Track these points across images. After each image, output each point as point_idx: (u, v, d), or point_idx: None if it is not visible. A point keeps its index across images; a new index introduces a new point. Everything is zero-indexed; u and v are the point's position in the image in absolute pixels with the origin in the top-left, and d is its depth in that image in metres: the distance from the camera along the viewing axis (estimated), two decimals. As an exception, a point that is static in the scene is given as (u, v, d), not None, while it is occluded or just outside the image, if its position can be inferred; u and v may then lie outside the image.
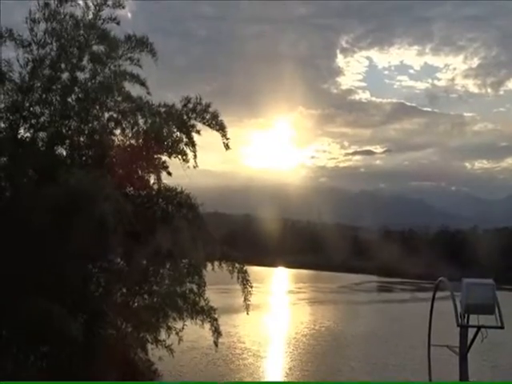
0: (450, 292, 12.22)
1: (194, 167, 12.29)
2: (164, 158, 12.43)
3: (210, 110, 12.13)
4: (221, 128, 12.17)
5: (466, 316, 11.46)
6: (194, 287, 12.81)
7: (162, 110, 12.23)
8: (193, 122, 12.18)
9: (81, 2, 12.26)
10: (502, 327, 11.31)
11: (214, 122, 12.13)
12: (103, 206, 10.52)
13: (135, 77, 12.40)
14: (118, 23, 12.44)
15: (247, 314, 13.39)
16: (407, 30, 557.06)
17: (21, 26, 11.84)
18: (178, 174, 12.48)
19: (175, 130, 12.11)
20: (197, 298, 12.75)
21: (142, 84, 12.46)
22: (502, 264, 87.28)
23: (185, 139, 12.18)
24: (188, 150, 12.27)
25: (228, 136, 12.31)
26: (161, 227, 12.09)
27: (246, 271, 12.93)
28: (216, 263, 13.00)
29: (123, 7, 12.44)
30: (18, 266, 10.56)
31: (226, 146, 12.30)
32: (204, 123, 12.19)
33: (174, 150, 12.16)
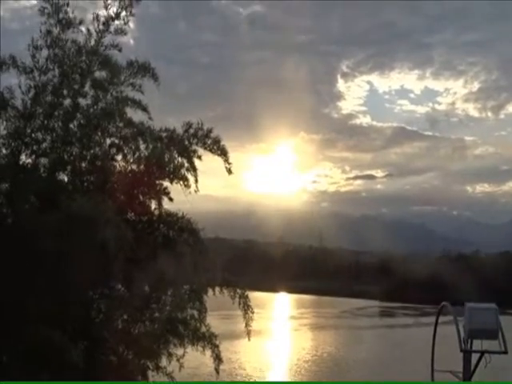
0: (453, 317, 12.15)
1: (196, 192, 12.27)
2: (165, 183, 12.41)
3: (212, 135, 12.13)
4: (223, 153, 12.17)
5: (470, 341, 11.39)
6: (195, 313, 12.72)
7: (164, 135, 12.24)
8: (194, 147, 12.18)
9: (83, 29, 12.29)
10: (505, 352, 11.24)
11: (215, 147, 12.13)
12: (105, 232, 10.50)
13: (137, 102, 12.43)
14: (119, 50, 12.47)
15: (248, 340, 13.27)
16: (407, 55, 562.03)
17: (23, 53, 11.91)
18: (179, 199, 12.47)
19: (177, 156, 12.12)
20: (198, 324, 12.65)
21: (144, 109, 12.48)
22: (505, 288, 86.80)
23: (186, 164, 12.17)
24: (189, 175, 12.26)
25: (230, 161, 12.30)
26: (162, 253, 12.06)
27: (247, 297, 12.84)
28: (217, 289, 12.92)
29: (125, 34, 12.50)
30: (19, 292, 10.53)
31: (229, 171, 12.30)
32: (205, 148, 12.20)
33: (176, 175, 12.15)
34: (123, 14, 12.38)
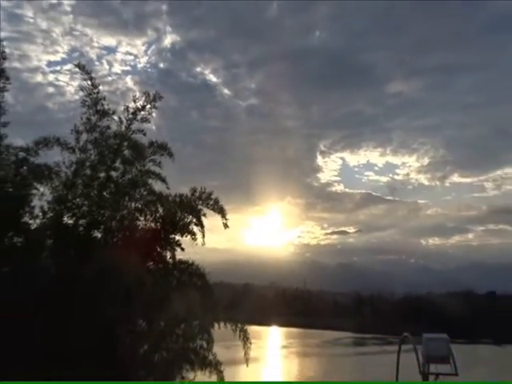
0: (413, 345, 11.94)
1: (202, 245, 12.24)
2: (178, 237, 12.40)
3: (212, 196, 12.31)
4: (221, 211, 12.32)
5: (427, 365, 11.16)
6: (204, 344, 12.39)
7: (178, 199, 12.37)
8: (199, 207, 12.33)
9: (115, 118, 12.57)
10: (456, 374, 11.05)
11: (215, 207, 12.27)
12: (129, 279, 10.40)
13: (157, 174, 12.65)
14: (144, 134, 12.70)
15: (247, 366, 12.87)
16: (372, 136, 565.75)
17: (68, 137, 12.10)
18: (190, 251, 12.41)
19: (186, 215, 12.22)
20: (206, 353, 12.31)
21: (163, 180, 12.69)
22: (454, 322, 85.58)
23: (194, 221, 12.27)
24: (197, 231, 12.29)
25: (227, 217, 12.39)
26: (176, 294, 11.88)
27: (246, 330, 12.52)
28: (221, 324, 12.63)
29: (149, 122, 12.78)
30: (59, 332, 10.26)
31: (225, 225, 12.36)
32: (208, 208, 12.31)
33: (186, 230, 12.23)
34: (148, 106, 12.70)
